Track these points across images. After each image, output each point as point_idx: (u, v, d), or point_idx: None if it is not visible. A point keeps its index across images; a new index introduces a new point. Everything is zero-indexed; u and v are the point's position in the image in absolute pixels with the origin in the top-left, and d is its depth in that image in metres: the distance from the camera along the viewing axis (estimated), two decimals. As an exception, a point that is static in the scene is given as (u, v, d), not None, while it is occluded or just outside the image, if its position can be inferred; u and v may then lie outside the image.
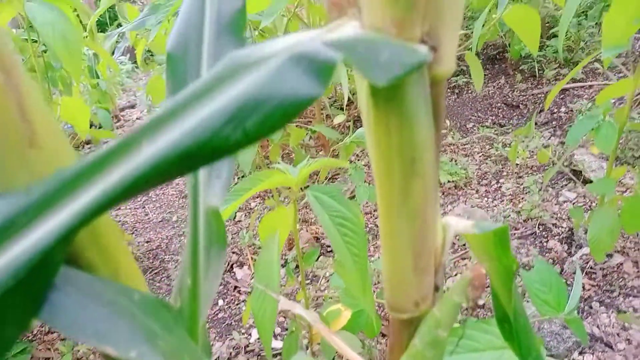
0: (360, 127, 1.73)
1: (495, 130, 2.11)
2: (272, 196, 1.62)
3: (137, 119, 3.97)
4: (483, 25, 1.60)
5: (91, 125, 2.47)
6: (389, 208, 0.33)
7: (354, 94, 1.71)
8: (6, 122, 0.24)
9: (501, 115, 2.28)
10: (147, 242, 1.86)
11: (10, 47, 0.24)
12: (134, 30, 1.88)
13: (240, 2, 0.40)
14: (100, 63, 2.77)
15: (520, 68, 2.52)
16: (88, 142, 3.02)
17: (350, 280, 0.72)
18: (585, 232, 1.30)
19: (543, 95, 2.29)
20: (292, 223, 0.79)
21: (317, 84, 0.23)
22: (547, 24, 2.53)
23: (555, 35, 2.32)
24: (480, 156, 1.93)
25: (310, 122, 1.93)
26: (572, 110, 2.05)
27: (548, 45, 2.33)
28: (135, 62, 4.14)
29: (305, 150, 1.79)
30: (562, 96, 2.20)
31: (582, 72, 2.30)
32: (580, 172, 1.57)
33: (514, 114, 2.26)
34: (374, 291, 1.28)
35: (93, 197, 0.22)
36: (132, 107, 4.13)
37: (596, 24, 2.44)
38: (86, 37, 2.49)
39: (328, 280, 1.39)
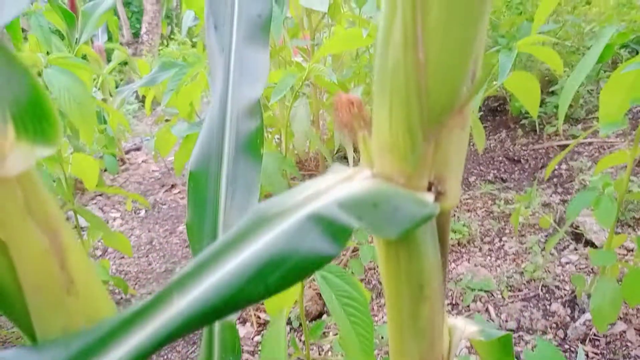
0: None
1: (497, 186, 2.13)
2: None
3: (142, 162, 3.99)
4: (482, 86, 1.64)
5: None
6: (399, 328, 0.35)
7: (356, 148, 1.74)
8: (46, 273, 0.26)
9: (503, 170, 2.31)
10: (149, 294, 1.86)
11: (57, 208, 0.26)
12: (144, 86, 1.94)
13: (258, 122, 0.42)
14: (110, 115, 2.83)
15: (521, 122, 2.57)
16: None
17: (355, 357, 0.73)
18: (588, 297, 1.31)
19: (544, 150, 2.33)
20: (299, 297, 0.80)
21: (334, 245, 0.25)
22: (546, 78, 2.59)
23: (555, 93, 2.38)
24: (483, 212, 1.95)
25: (313, 174, 1.96)
26: (572, 167, 2.07)
27: (548, 102, 2.38)
28: (142, 101, 4.20)
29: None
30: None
31: (581, 129, 2.35)
32: (582, 234, 1.58)
33: (516, 168, 2.29)
34: (377, 354, 1.28)
35: (128, 351, 0.23)
36: (138, 149, 4.16)
37: (595, 80, 2.50)
38: (95, 80, 2.56)
39: (332, 341, 1.38)
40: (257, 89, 0.43)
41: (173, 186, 3.19)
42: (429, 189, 0.31)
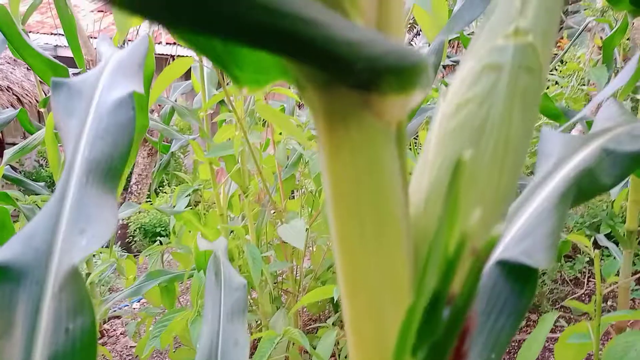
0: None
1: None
2: None
3: (120, 334, 3.87)
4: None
5: None
6: None
7: None
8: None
9: None
10: None
11: None
12: (131, 297, 2.00)
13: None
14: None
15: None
16: None
17: None
18: None
19: (516, 343, 2.39)
20: None
21: None
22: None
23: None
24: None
25: None
26: (545, 365, 2.13)
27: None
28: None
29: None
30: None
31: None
32: None
33: None
34: None
35: None
36: (118, 317, 3.97)
37: (558, 271, 2.65)
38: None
39: None
40: None
41: (151, 367, 3.11)
42: None
